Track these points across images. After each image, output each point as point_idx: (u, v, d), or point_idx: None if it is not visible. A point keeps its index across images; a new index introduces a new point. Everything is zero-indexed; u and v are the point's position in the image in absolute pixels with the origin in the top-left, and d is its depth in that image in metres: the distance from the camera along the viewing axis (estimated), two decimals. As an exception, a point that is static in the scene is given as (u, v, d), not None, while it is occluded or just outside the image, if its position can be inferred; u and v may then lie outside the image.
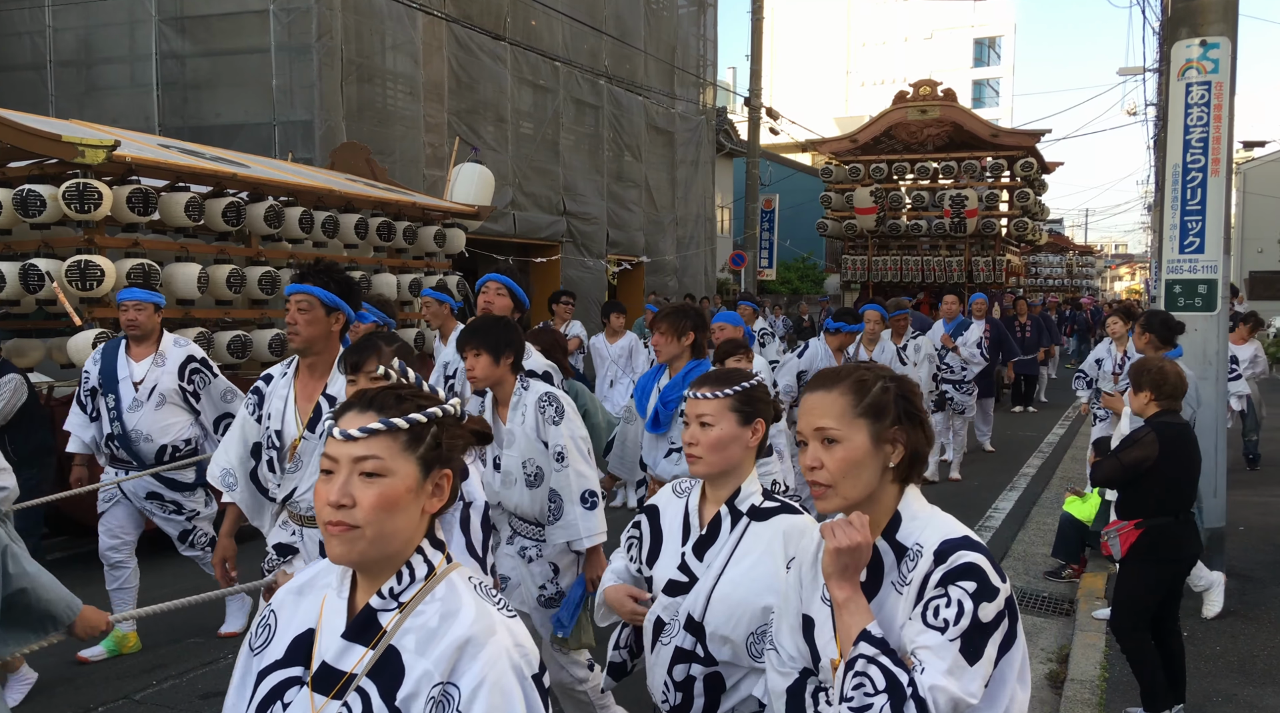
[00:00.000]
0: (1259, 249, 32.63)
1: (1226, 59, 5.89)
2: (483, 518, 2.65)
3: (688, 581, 2.30)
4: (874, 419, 1.76)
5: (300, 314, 3.48)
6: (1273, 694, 4.38)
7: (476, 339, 3.57)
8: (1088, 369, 8.33)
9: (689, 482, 2.48)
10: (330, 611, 1.59)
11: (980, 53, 60.98)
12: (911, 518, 1.80)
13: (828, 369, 1.86)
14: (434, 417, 1.57)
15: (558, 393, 3.61)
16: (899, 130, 16.81)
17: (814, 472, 1.76)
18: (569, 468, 3.51)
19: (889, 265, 16.71)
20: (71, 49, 14.79)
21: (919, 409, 1.82)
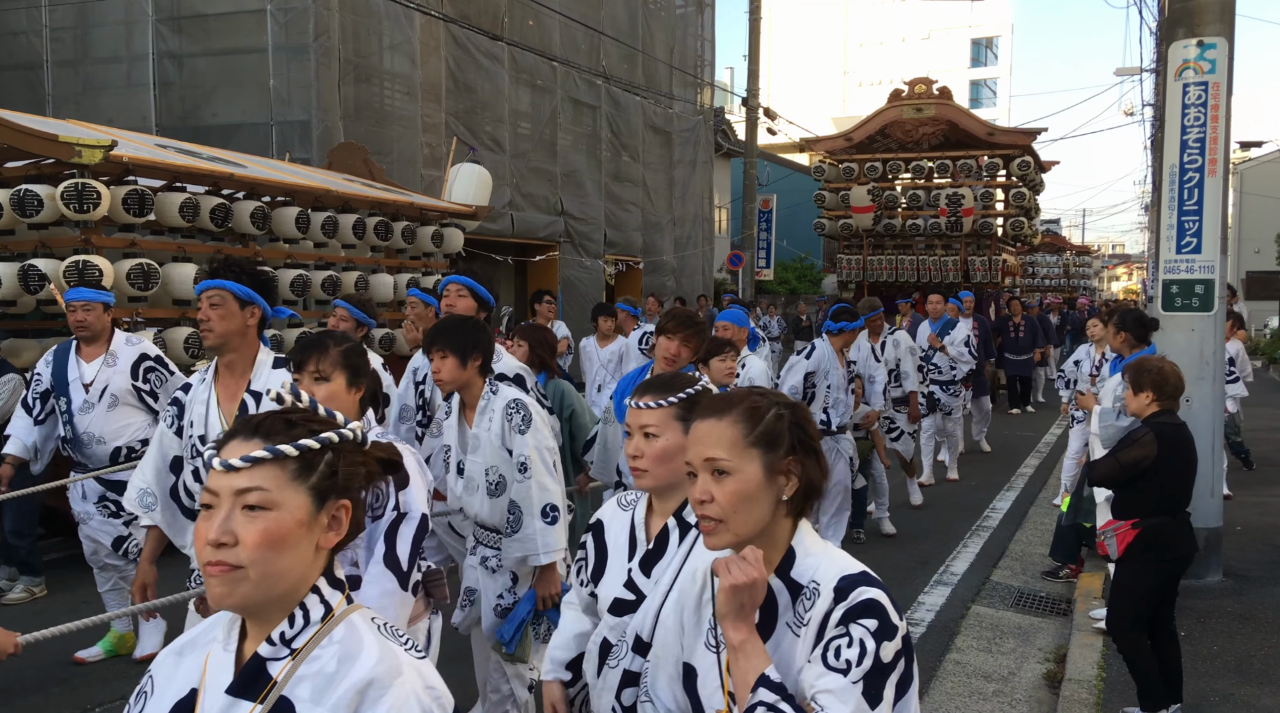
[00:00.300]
0: (1256, 249, 32.70)
1: (1223, 59, 5.90)
2: (416, 532, 2.51)
3: (635, 599, 2.17)
4: (767, 449, 1.67)
5: (213, 310, 3.36)
6: (1270, 694, 4.39)
7: (442, 340, 3.46)
8: (1068, 370, 8.40)
9: (634, 494, 2.36)
10: (215, 667, 1.44)
11: (978, 53, 61.03)
12: (805, 554, 1.70)
13: (718, 396, 1.78)
14: (328, 443, 1.43)
15: (527, 401, 3.47)
16: (894, 129, 16.73)
17: (704, 505, 1.66)
18: (531, 480, 3.38)
19: (884, 265, 16.61)
20: (68, 49, 14.77)
21: (813, 438, 1.73)
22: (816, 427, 1.77)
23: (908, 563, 6.76)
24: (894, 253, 16.83)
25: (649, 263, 21.45)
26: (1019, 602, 6.01)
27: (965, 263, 16.17)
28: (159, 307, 7.05)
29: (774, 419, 1.69)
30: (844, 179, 16.84)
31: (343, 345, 2.80)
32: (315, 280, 8.02)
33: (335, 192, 8.45)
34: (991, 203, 16.66)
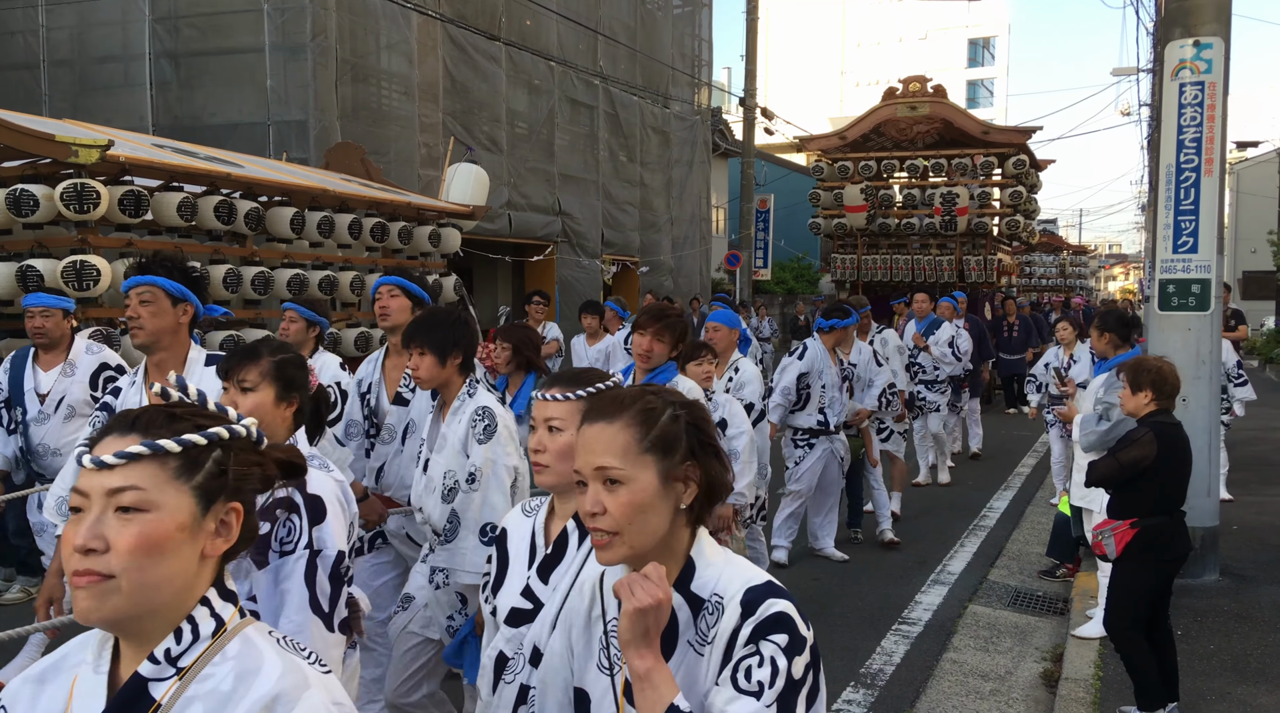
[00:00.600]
0: (1252, 249, 32.77)
1: (1220, 59, 5.91)
2: (333, 569, 2.35)
3: (532, 608, 2.04)
4: (663, 454, 1.54)
5: (143, 307, 3.20)
6: (1266, 692, 4.40)
7: (420, 337, 3.31)
8: (1039, 373, 8.38)
9: (539, 499, 2.25)
10: (83, 692, 1.28)
11: (975, 53, 61.06)
12: (706, 565, 1.58)
13: (608, 395, 1.64)
14: (216, 439, 1.29)
15: (496, 410, 3.29)
16: (888, 127, 16.63)
17: (595, 518, 1.53)
18: (477, 493, 3.20)
19: (879, 264, 16.51)
20: (65, 48, 14.75)
21: (712, 439, 1.61)
22: (714, 426, 1.65)
23: (905, 562, 6.76)
24: (889, 252, 16.73)
25: (646, 263, 21.46)
26: (1016, 601, 6.01)
27: (960, 262, 16.08)
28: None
29: (669, 421, 1.57)
30: (839, 178, 16.75)
31: (277, 356, 2.58)
32: (312, 280, 8.01)
33: (332, 191, 8.44)
34: (987, 202, 16.58)
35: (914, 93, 16.38)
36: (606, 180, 20.01)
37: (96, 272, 6.24)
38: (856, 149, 16.87)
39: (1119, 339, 5.46)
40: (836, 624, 5.49)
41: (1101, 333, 5.51)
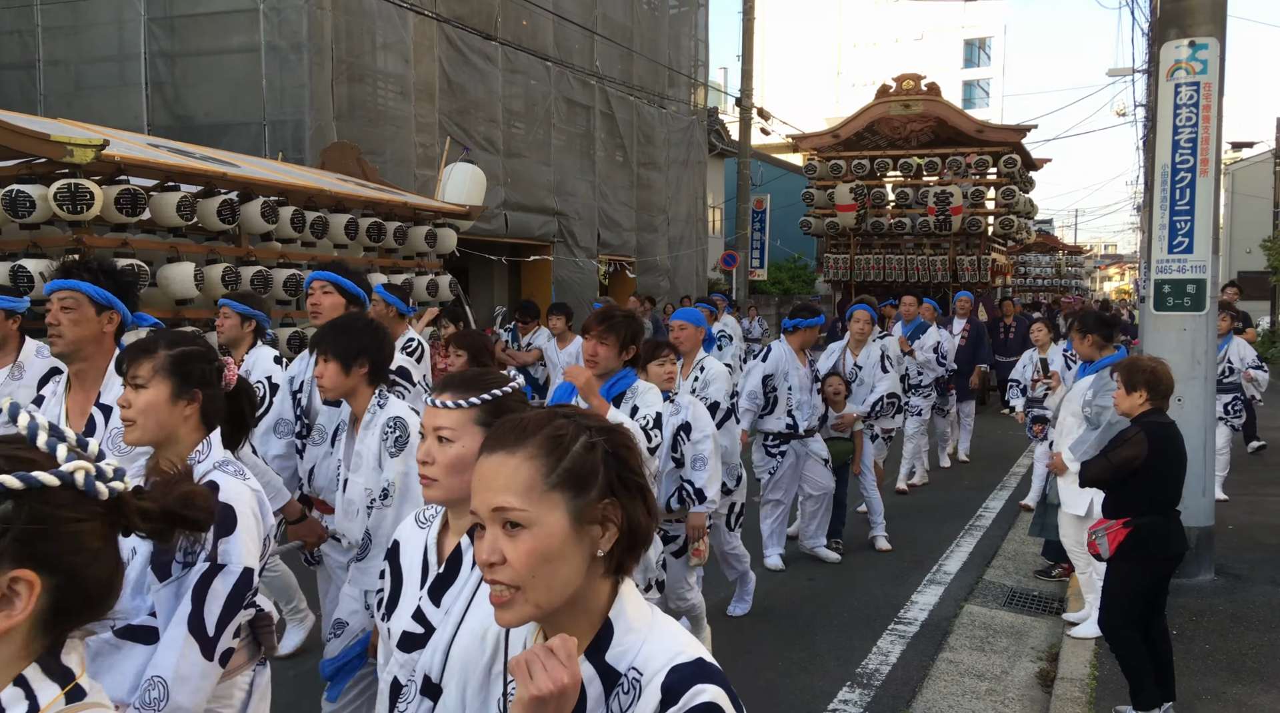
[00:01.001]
0: (1247, 250, 32.83)
1: (1215, 59, 5.92)
2: (233, 589, 2.13)
3: (424, 632, 1.86)
4: (575, 491, 1.28)
5: (64, 314, 3.01)
6: (1261, 692, 4.41)
7: (325, 342, 3.12)
8: (1019, 377, 8.39)
9: (433, 510, 2.03)
10: None
11: (970, 53, 61.11)
12: (626, 629, 1.31)
13: (510, 421, 1.36)
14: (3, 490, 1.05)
15: (409, 420, 3.07)
16: (882, 126, 16.47)
17: (493, 569, 1.27)
18: (390, 509, 3.02)
19: (871, 264, 16.36)
20: (60, 48, 14.72)
21: (637, 472, 1.33)
22: (641, 455, 1.38)
23: (901, 563, 6.77)
24: (881, 252, 16.58)
25: (643, 263, 21.46)
26: (1012, 601, 6.02)
27: (954, 263, 15.95)
28: (153, 306, 7.03)
29: (583, 451, 1.30)
30: (832, 177, 16.61)
31: (176, 348, 2.35)
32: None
33: (328, 191, 8.44)
34: (981, 201, 16.42)
35: (908, 91, 16.26)
36: (603, 180, 20.01)
37: (92, 272, 6.23)
38: (850, 147, 16.72)
39: (1102, 340, 5.43)
40: (833, 624, 5.49)
41: (1084, 335, 5.45)
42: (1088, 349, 5.44)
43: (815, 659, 4.97)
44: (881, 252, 16.64)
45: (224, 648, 2.15)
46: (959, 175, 16.10)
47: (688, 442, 4.47)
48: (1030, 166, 17.68)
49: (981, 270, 15.94)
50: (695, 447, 4.47)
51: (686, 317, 5.53)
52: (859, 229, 16.58)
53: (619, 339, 3.84)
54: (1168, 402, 4.12)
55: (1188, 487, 4.38)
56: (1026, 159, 17.03)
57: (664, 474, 4.49)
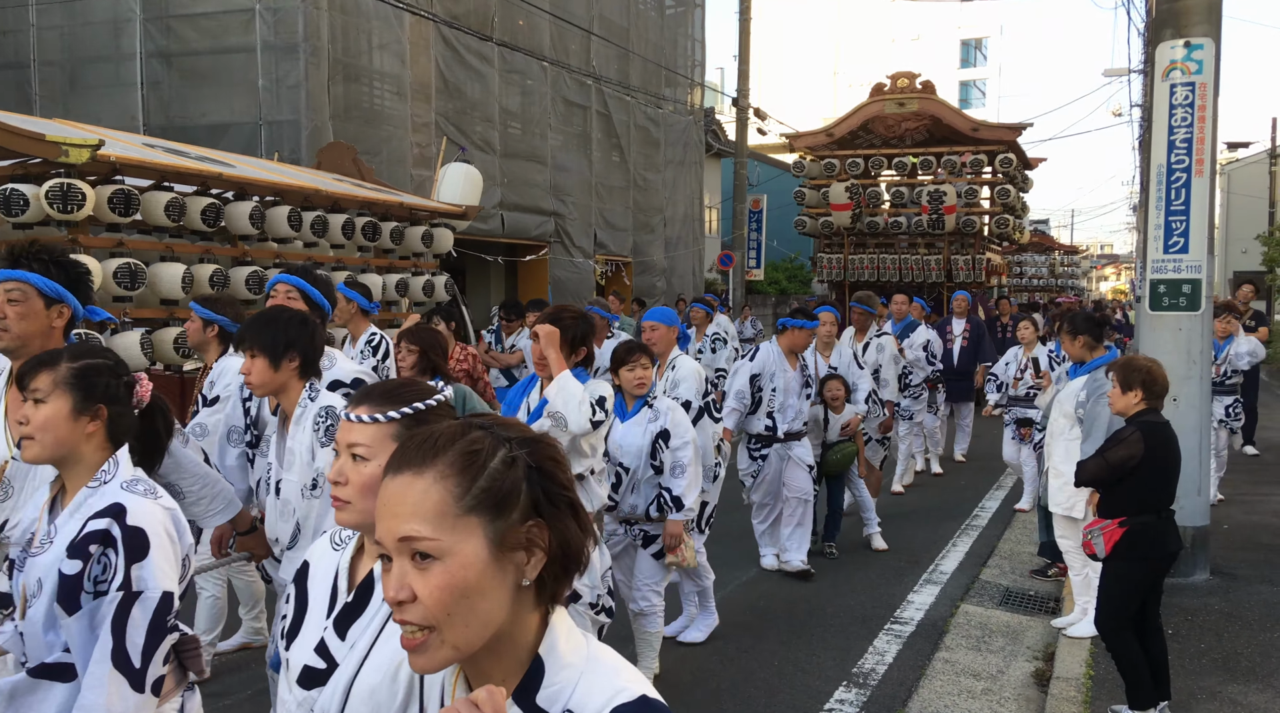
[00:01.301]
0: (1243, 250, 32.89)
1: (1210, 60, 5.93)
2: (153, 617, 2.02)
3: (325, 667, 1.67)
4: (494, 513, 1.12)
5: (10, 306, 2.82)
6: (1257, 691, 4.41)
7: (251, 336, 2.97)
8: (999, 372, 8.38)
9: (350, 531, 1.84)
10: None
11: (967, 54, 61.18)
12: (559, 666, 1.17)
13: (417, 436, 1.19)
14: None
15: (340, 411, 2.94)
16: (876, 124, 16.30)
17: (403, 608, 1.12)
18: (319, 499, 2.88)
19: (865, 264, 16.19)
20: (55, 48, 14.71)
21: (566, 487, 1.18)
22: (570, 469, 1.22)
23: (897, 562, 6.77)
24: (876, 252, 16.43)
25: (639, 263, 21.46)
26: (1007, 600, 6.03)
27: (948, 262, 15.81)
28: (146, 307, 7.02)
29: (502, 467, 1.14)
30: (826, 176, 16.45)
31: (80, 360, 2.21)
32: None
33: (324, 191, 8.43)
34: (976, 200, 16.23)
35: (902, 89, 16.10)
36: (599, 180, 20.02)
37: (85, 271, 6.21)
38: (845, 146, 16.56)
39: (1093, 341, 5.42)
40: (829, 624, 5.49)
41: (1074, 336, 5.43)
42: (1078, 350, 5.43)
43: (812, 659, 4.97)
44: (876, 251, 16.50)
45: (154, 677, 2.04)
46: (954, 174, 15.95)
47: (666, 449, 4.39)
48: (1026, 165, 17.59)
49: (976, 270, 15.81)
50: (675, 454, 4.38)
51: (657, 316, 5.39)
52: (854, 229, 16.46)
53: (567, 341, 3.65)
54: (1163, 402, 4.13)
55: (1183, 486, 4.39)
56: (1022, 158, 16.89)
57: (642, 481, 4.42)
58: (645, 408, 4.44)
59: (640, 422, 4.42)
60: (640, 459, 4.39)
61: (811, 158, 16.87)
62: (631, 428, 4.43)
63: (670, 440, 4.39)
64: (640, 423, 4.42)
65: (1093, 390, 5.09)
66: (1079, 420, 5.24)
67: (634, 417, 4.45)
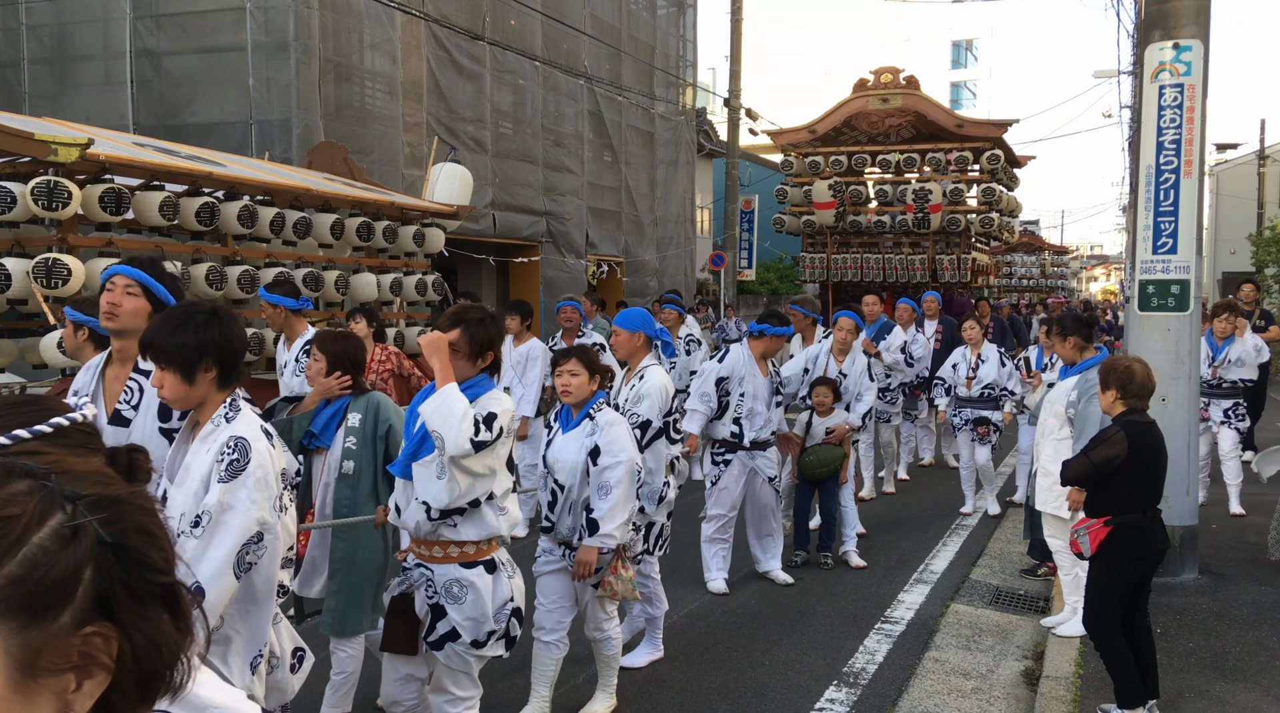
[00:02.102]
0: (1231, 250, 33.05)
1: (1199, 61, 5.96)
2: None
3: None
4: (26, 618, 0.72)
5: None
6: (1244, 690, 4.44)
7: (156, 346, 2.58)
8: (945, 376, 8.25)
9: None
10: None
11: (958, 55, 61.35)
12: None
13: None
14: None
15: (252, 444, 2.57)
16: (859, 120, 16.01)
17: None
18: (196, 540, 2.52)
19: (849, 264, 15.96)
20: (45, 46, 14.65)
21: (159, 569, 0.79)
22: (168, 538, 0.81)
23: (887, 561, 6.79)
24: (860, 251, 16.16)
25: (631, 263, 21.46)
26: (997, 600, 6.04)
27: (933, 262, 15.55)
28: None
29: (51, 544, 0.74)
30: (810, 173, 16.12)
31: None
32: (295, 279, 7.97)
33: (315, 191, 8.41)
34: (961, 198, 15.90)
35: (885, 84, 15.76)
36: (591, 181, 20.01)
37: (67, 270, 6.19)
38: (828, 143, 16.23)
39: (1083, 341, 5.47)
40: (819, 624, 5.50)
41: (1065, 337, 5.47)
42: (1069, 351, 5.46)
43: (802, 658, 4.97)
44: (860, 251, 16.25)
45: None
46: (939, 172, 15.64)
47: (594, 466, 4.00)
48: (1014, 163, 17.26)
49: (961, 270, 15.56)
50: (602, 474, 3.97)
51: (620, 320, 4.95)
52: (837, 228, 16.17)
53: (471, 345, 3.22)
54: (1147, 401, 4.15)
55: (1171, 486, 4.41)
56: (1010, 156, 16.63)
57: (579, 502, 4.04)
58: (586, 420, 4.07)
59: (578, 436, 4.06)
60: (575, 477, 4.03)
61: (795, 155, 16.54)
62: (569, 442, 4.08)
63: (599, 458, 3.98)
64: (578, 437, 4.06)
65: (1084, 391, 5.12)
66: (1069, 421, 5.26)
67: (574, 429, 4.09)
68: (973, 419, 8.05)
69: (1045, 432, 5.46)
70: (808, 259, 16.47)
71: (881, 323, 8.96)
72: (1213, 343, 8.08)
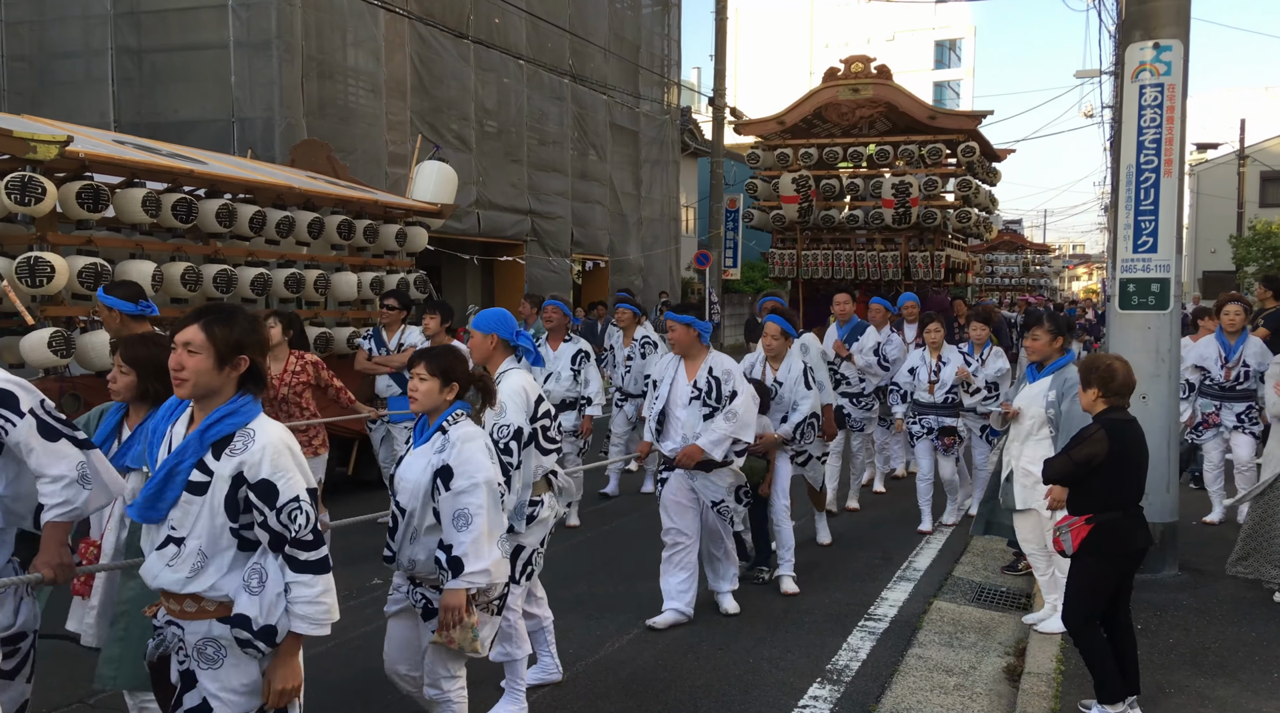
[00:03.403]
0: (1212, 249, 33.33)
1: (1179, 61, 6.00)
2: None
3: None
4: None
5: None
6: (1224, 685, 4.47)
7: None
8: (902, 382, 7.76)
9: None
10: None
11: (941, 55, 61.63)
12: None
13: None
14: None
15: None
16: (829, 111, 15.25)
17: None
18: None
19: (819, 260, 15.22)
20: (25, 43, 14.53)
21: None
22: None
23: (870, 559, 6.81)
24: (831, 247, 15.40)
25: (616, 262, 21.47)
26: (980, 597, 6.07)
27: (906, 259, 14.84)
28: None
29: None
30: (778, 166, 15.41)
31: None
32: (278, 279, 7.93)
33: (297, 188, 8.37)
34: (936, 193, 15.10)
35: (856, 74, 14.96)
36: (576, 179, 20.00)
37: (50, 268, 6.14)
38: (799, 135, 15.54)
39: (1066, 341, 5.48)
40: (803, 622, 5.51)
41: (1054, 337, 5.48)
42: (1052, 350, 5.47)
43: (786, 656, 4.98)
44: (831, 247, 15.46)
45: None
46: (911, 165, 14.89)
47: (446, 491, 3.35)
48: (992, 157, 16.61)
49: (935, 267, 14.83)
50: (456, 499, 3.34)
51: (476, 322, 4.28)
52: (806, 223, 15.43)
53: (211, 343, 2.66)
54: (1128, 400, 4.17)
55: (1152, 483, 4.44)
56: (987, 149, 15.96)
57: (423, 530, 3.44)
58: (438, 434, 3.46)
59: (425, 452, 3.45)
60: (418, 500, 3.42)
61: (764, 147, 15.90)
62: (414, 459, 3.48)
63: (451, 481, 3.34)
64: (425, 453, 3.45)
65: (1064, 390, 5.15)
66: (1050, 421, 5.29)
67: (423, 444, 3.49)
68: (936, 428, 7.55)
69: (1023, 434, 5.48)
70: (777, 256, 15.78)
71: (854, 324, 8.40)
72: (1224, 342, 7.59)
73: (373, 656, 4.19)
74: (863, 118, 15.38)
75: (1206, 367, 7.65)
